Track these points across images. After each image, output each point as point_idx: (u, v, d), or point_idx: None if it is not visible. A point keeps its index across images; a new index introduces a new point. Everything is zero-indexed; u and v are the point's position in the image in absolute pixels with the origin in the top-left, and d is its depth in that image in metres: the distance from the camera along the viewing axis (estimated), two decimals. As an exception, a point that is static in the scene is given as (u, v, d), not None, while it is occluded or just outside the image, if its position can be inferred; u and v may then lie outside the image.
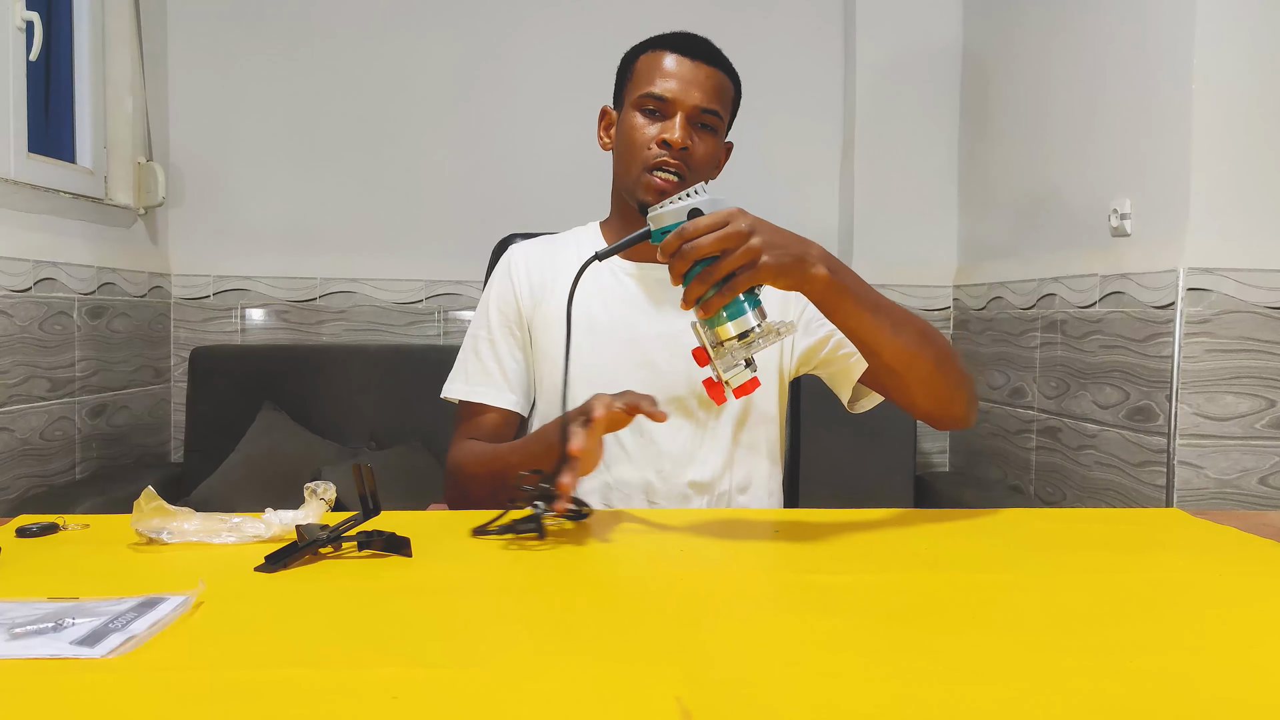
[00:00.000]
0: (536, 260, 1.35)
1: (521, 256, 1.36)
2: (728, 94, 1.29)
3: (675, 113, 1.25)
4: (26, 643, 0.63)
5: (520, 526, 0.97)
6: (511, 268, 1.35)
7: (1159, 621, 0.75)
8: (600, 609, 0.78)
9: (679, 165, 1.24)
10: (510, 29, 2.56)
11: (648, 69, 1.27)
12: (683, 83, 1.25)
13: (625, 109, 1.29)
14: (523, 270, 1.35)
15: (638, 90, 1.27)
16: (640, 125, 1.26)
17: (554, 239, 1.41)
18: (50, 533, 0.97)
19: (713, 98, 1.26)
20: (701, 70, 1.26)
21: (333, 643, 0.68)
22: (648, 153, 1.25)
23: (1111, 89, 1.85)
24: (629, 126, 1.28)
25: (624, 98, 1.31)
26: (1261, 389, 1.61)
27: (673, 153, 1.24)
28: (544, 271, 1.34)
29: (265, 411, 2.26)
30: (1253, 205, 1.63)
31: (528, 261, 1.35)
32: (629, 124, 1.28)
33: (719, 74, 1.27)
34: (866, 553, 0.98)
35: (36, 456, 1.93)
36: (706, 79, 1.26)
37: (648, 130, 1.25)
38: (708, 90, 1.26)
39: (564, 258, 1.35)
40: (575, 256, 1.35)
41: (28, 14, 1.92)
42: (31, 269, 1.89)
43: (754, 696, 0.58)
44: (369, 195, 2.56)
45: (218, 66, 2.52)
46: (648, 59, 1.28)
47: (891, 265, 2.51)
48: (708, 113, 1.25)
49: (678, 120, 1.24)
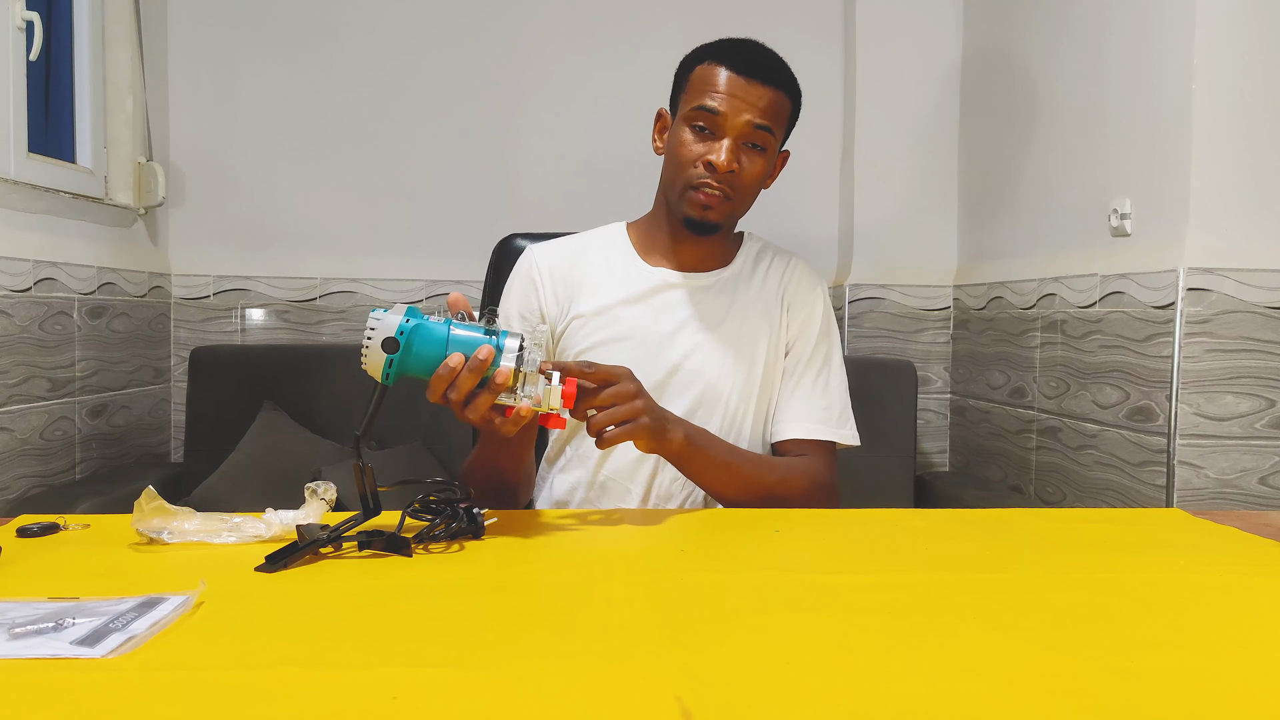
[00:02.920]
0: (563, 263, 1.34)
1: (545, 260, 1.34)
2: (783, 111, 1.26)
3: (724, 133, 1.22)
4: (26, 643, 0.64)
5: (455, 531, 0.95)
6: (536, 271, 1.34)
7: (1159, 621, 0.75)
8: (600, 609, 0.78)
9: (723, 188, 1.24)
10: (510, 29, 2.56)
11: (701, 82, 1.24)
12: (734, 102, 1.22)
13: (677, 120, 1.27)
14: (547, 274, 1.33)
15: (689, 103, 1.25)
16: (688, 142, 1.24)
17: (577, 240, 1.39)
18: (50, 533, 0.97)
19: (765, 115, 1.23)
20: (755, 89, 1.22)
21: (333, 643, 0.68)
22: (693, 171, 1.24)
23: (1111, 89, 1.85)
24: (677, 142, 1.26)
25: (677, 106, 1.29)
26: (1261, 389, 1.61)
27: (717, 175, 1.23)
28: (572, 272, 1.33)
29: (265, 411, 2.26)
30: (1253, 205, 1.63)
31: (553, 265, 1.34)
32: (678, 139, 1.26)
33: (774, 92, 1.24)
34: (866, 553, 0.98)
35: (36, 456, 1.93)
36: (760, 98, 1.22)
37: (695, 148, 1.24)
38: (760, 109, 1.22)
39: (591, 260, 1.34)
40: (601, 257, 1.35)
41: (28, 14, 1.92)
42: (31, 269, 1.89)
43: (754, 696, 0.58)
44: (369, 195, 2.56)
45: (218, 66, 2.52)
46: (703, 71, 1.25)
47: (891, 265, 2.51)
48: (759, 130, 1.23)
49: (725, 143, 1.22)
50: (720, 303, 1.32)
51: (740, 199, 1.27)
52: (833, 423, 1.32)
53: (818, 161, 2.62)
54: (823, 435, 1.31)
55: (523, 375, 0.95)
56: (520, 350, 0.95)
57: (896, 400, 2.25)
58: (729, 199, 1.25)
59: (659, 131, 1.33)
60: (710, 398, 1.29)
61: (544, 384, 0.96)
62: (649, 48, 2.47)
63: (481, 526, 0.97)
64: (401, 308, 0.96)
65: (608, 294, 1.31)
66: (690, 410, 1.27)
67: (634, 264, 1.34)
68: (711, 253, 1.34)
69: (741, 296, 1.34)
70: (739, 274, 1.35)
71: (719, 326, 1.31)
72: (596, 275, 1.33)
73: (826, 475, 1.30)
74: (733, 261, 1.36)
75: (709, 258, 1.34)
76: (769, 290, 1.35)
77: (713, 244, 1.33)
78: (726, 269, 1.35)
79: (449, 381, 0.94)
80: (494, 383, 0.94)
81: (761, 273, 1.36)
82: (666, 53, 2.46)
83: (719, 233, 1.30)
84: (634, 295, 1.31)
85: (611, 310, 1.30)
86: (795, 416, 1.31)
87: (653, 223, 1.35)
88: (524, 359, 0.95)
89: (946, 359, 2.53)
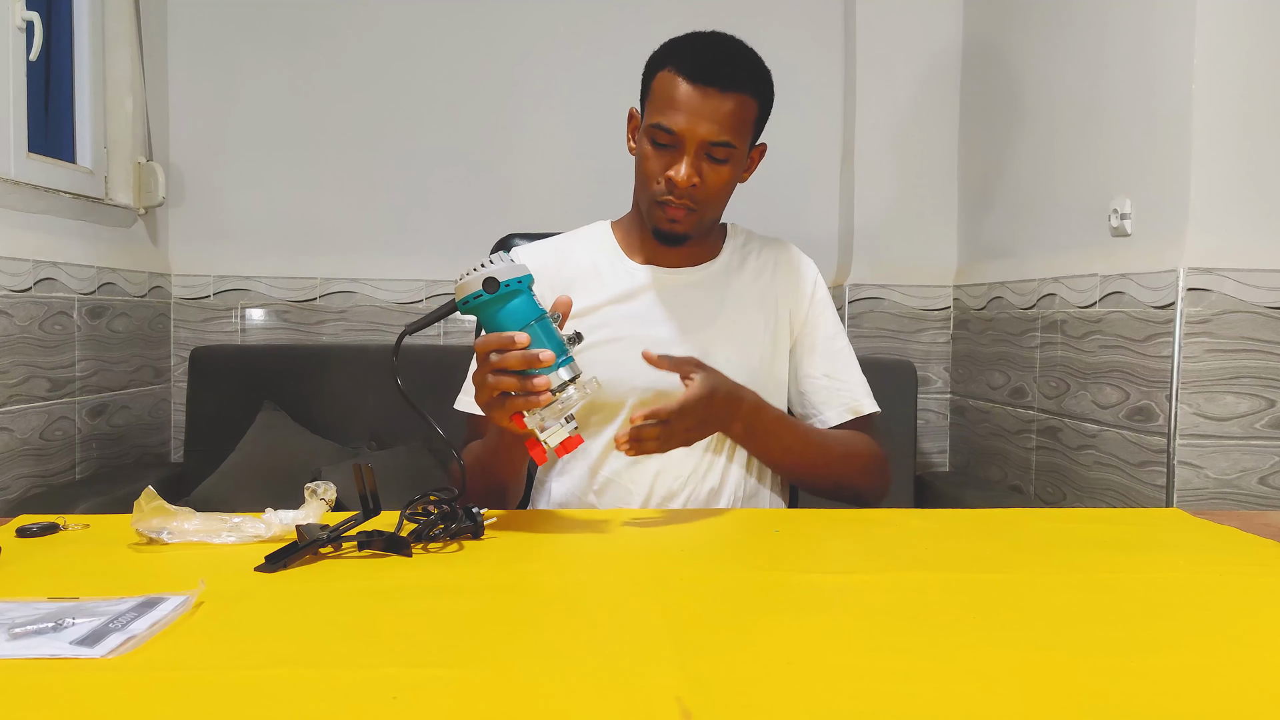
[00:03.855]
0: (550, 265, 1.32)
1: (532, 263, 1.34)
2: (747, 114, 1.23)
3: (684, 148, 1.20)
4: (26, 643, 0.64)
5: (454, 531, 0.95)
6: None
7: (1159, 621, 0.75)
8: (600, 609, 0.78)
9: (686, 201, 1.24)
10: (510, 29, 2.56)
11: (661, 94, 1.22)
12: (693, 116, 1.19)
13: (642, 129, 1.26)
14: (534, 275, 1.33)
15: (650, 116, 1.24)
16: (650, 156, 1.23)
17: (561, 240, 1.39)
18: (50, 533, 0.97)
19: (725, 129, 1.20)
20: (713, 100, 1.19)
21: (333, 643, 0.68)
22: (656, 187, 1.24)
23: (1111, 89, 1.85)
24: (641, 154, 1.25)
25: (644, 112, 1.28)
26: (1261, 389, 1.61)
27: (679, 191, 1.22)
28: (559, 274, 1.32)
29: (265, 411, 2.26)
30: (1253, 205, 1.63)
31: (540, 267, 1.32)
32: (641, 151, 1.25)
33: (735, 98, 1.20)
34: (866, 553, 0.98)
35: (36, 456, 1.93)
36: (718, 109, 1.19)
37: (656, 164, 1.23)
38: (719, 121, 1.20)
39: (576, 259, 1.34)
40: (588, 257, 1.34)
41: (28, 14, 1.92)
42: (31, 269, 1.89)
43: (754, 696, 0.58)
44: (369, 195, 2.56)
45: (218, 66, 2.52)
46: (663, 80, 1.23)
47: (891, 265, 2.51)
48: (718, 145, 1.21)
49: (685, 160, 1.20)
50: (712, 296, 1.32)
51: (707, 208, 1.26)
52: (871, 393, 1.34)
53: (818, 161, 2.62)
54: (868, 408, 1.33)
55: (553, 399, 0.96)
56: (567, 383, 0.96)
57: (896, 400, 2.25)
58: (694, 210, 1.24)
59: (632, 132, 1.32)
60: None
61: (559, 423, 0.97)
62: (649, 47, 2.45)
63: (481, 526, 0.97)
64: (523, 269, 0.99)
65: (596, 294, 1.31)
66: None
67: (621, 263, 1.34)
68: (695, 249, 1.34)
69: (732, 289, 1.33)
70: (728, 265, 1.35)
71: (713, 321, 1.31)
72: (584, 275, 1.32)
73: (879, 445, 1.32)
74: (719, 254, 1.36)
75: (694, 253, 1.34)
76: (763, 278, 1.35)
77: (694, 241, 1.32)
78: (714, 262, 1.35)
79: (502, 348, 0.95)
80: (529, 381, 0.95)
81: (752, 261, 1.36)
82: (666, 53, 2.45)
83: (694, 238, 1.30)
84: (624, 294, 1.31)
85: (601, 310, 1.29)
86: (831, 402, 1.32)
87: (634, 221, 1.35)
88: (564, 392, 0.96)
89: (946, 359, 2.53)
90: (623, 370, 1.23)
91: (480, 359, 0.98)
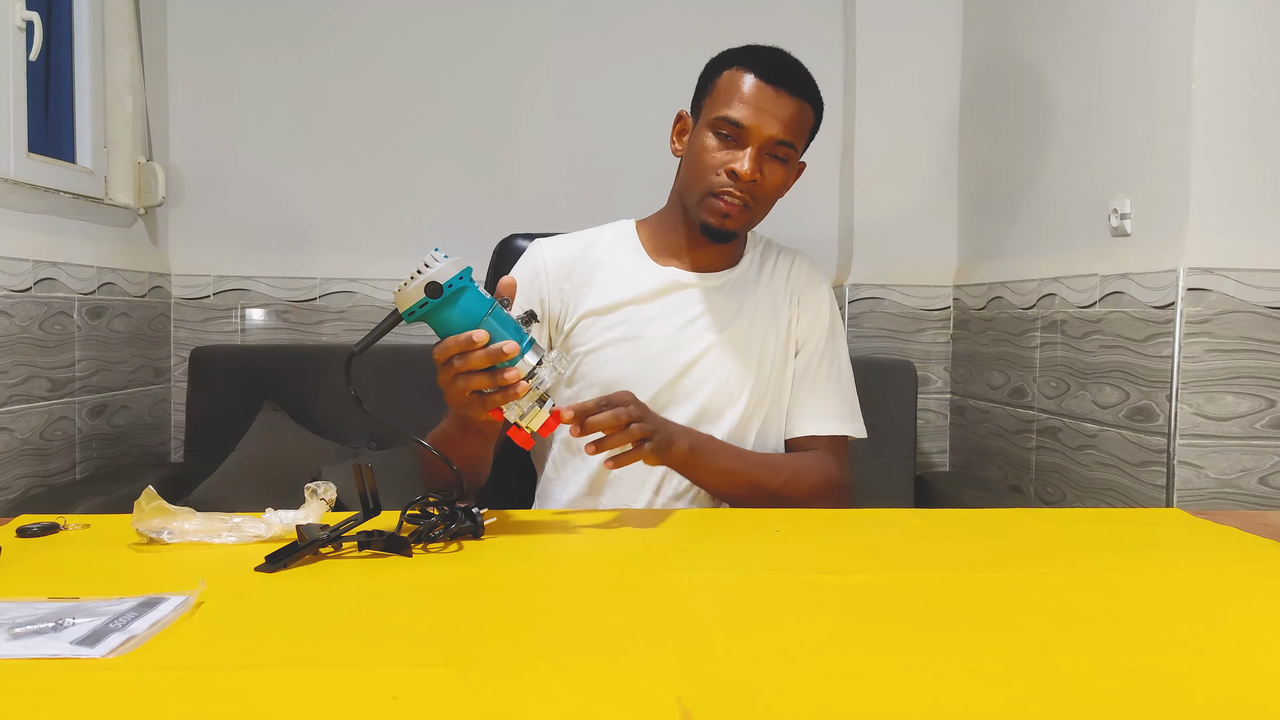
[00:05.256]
0: (571, 258, 1.33)
1: (553, 254, 1.34)
2: (806, 123, 1.26)
3: (748, 142, 1.22)
4: (26, 643, 0.63)
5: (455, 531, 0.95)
6: (542, 265, 1.33)
7: (1159, 621, 0.75)
8: (600, 609, 0.78)
9: (744, 196, 1.24)
10: (511, 29, 2.56)
11: (728, 89, 1.23)
12: (760, 112, 1.21)
13: (700, 124, 1.26)
14: (554, 268, 1.32)
15: (714, 110, 1.24)
16: (711, 148, 1.24)
17: (585, 235, 1.38)
18: (50, 533, 0.97)
19: (789, 129, 1.23)
20: (782, 100, 1.22)
21: (333, 643, 0.68)
22: (715, 178, 1.23)
23: (1111, 89, 1.85)
24: (700, 146, 1.25)
25: (701, 110, 1.28)
26: (1261, 389, 1.61)
27: (739, 184, 1.22)
28: (580, 268, 1.32)
29: (265, 411, 2.26)
30: (1253, 205, 1.63)
31: (560, 260, 1.33)
32: (700, 143, 1.25)
33: (799, 103, 1.23)
34: (866, 553, 0.98)
35: (36, 456, 1.93)
36: (785, 109, 1.22)
37: (718, 155, 1.23)
38: (785, 121, 1.22)
39: (600, 257, 1.34)
40: (610, 255, 1.34)
41: (28, 14, 1.92)
42: (31, 269, 1.89)
43: (754, 696, 0.58)
44: (369, 195, 2.56)
45: (218, 66, 2.52)
46: (730, 77, 1.24)
47: (891, 265, 2.51)
48: (782, 144, 1.22)
49: (749, 152, 1.21)
50: (730, 303, 1.32)
51: (759, 208, 1.27)
52: (846, 417, 1.33)
53: (818, 161, 2.59)
54: (835, 430, 1.33)
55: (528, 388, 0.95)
56: (537, 366, 0.95)
57: (896, 400, 2.25)
58: (748, 208, 1.25)
59: (678, 134, 1.32)
60: (721, 398, 1.29)
61: (536, 406, 0.97)
62: (649, 47, 2.47)
63: (481, 527, 0.97)
64: (461, 263, 0.96)
65: (617, 292, 1.31)
66: (701, 410, 1.27)
67: (644, 262, 1.34)
68: (722, 254, 1.35)
69: (750, 296, 1.34)
70: (747, 273, 1.36)
71: (729, 327, 1.31)
72: (606, 273, 1.33)
73: (836, 471, 1.30)
74: (740, 261, 1.36)
75: (719, 258, 1.35)
76: (776, 289, 1.35)
77: (725, 246, 1.33)
78: (735, 269, 1.35)
79: (462, 351, 0.94)
80: (500, 376, 0.94)
81: (768, 272, 1.36)
82: (667, 52, 2.46)
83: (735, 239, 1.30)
84: (645, 294, 1.31)
85: (622, 309, 1.30)
86: (809, 414, 1.33)
87: (665, 222, 1.35)
88: (536, 374, 0.95)
89: (946, 359, 2.53)
90: (636, 370, 1.24)
91: (442, 365, 0.97)
